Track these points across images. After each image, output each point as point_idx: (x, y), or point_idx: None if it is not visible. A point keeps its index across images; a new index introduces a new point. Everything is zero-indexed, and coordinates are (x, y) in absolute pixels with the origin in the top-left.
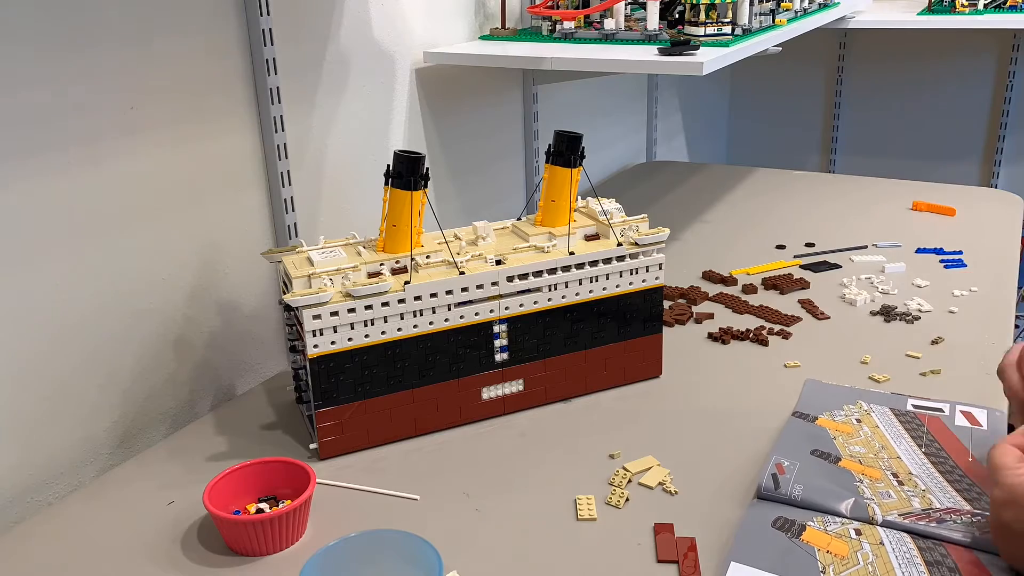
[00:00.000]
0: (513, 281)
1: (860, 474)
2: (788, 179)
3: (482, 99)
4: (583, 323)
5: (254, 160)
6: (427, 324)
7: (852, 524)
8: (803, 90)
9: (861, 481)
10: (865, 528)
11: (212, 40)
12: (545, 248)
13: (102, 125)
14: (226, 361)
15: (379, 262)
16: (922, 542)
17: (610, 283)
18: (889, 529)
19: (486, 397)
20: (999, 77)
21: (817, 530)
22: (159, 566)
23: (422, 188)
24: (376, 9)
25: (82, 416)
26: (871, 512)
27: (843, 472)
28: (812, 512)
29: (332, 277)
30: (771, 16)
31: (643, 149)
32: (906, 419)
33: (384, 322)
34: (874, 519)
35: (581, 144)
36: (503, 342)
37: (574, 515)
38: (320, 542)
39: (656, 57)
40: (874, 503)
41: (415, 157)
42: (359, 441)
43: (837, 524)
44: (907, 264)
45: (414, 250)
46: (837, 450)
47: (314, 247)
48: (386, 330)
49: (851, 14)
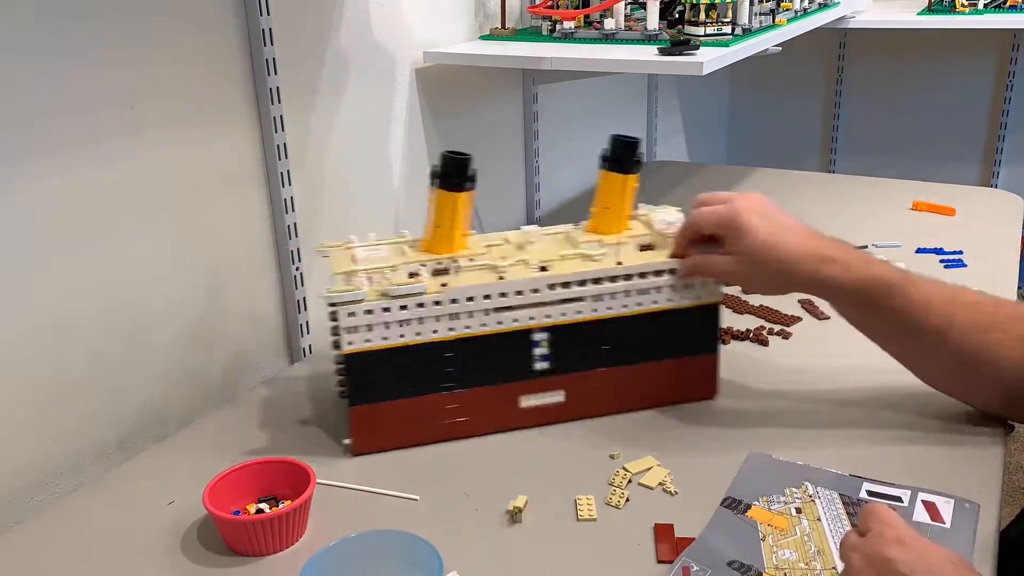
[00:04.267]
0: (555, 289)
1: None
2: (788, 179)
3: (482, 99)
4: (631, 337)
5: (254, 160)
6: (463, 328)
7: (794, 503)
8: (803, 90)
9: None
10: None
11: (212, 40)
12: (594, 256)
13: (102, 125)
14: (226, 361)
15: (420, 262)
16: (852, 509)
17: (661, 296)
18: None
19: (525, 405)
20: (999, 77)
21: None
22: (159, 566)
23: (469, 190)
24: (376, 9)
25: (82, 416)
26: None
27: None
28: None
29: (371, 275)
30: (771, 16)
31: (643, 149)
32: (856, 510)
33: (420, 323)
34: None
35: (639, 149)
36: (544, 351)
37: (574, 515)
38: (320, 542)
39: (656, 57)
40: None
41: (463, 159)
42: (393, 440)
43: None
44: (907, 264)
45: (459, 252)
46: (761, 559)
47: (362, 243)
48: (421, 331)
49: (851, 14)
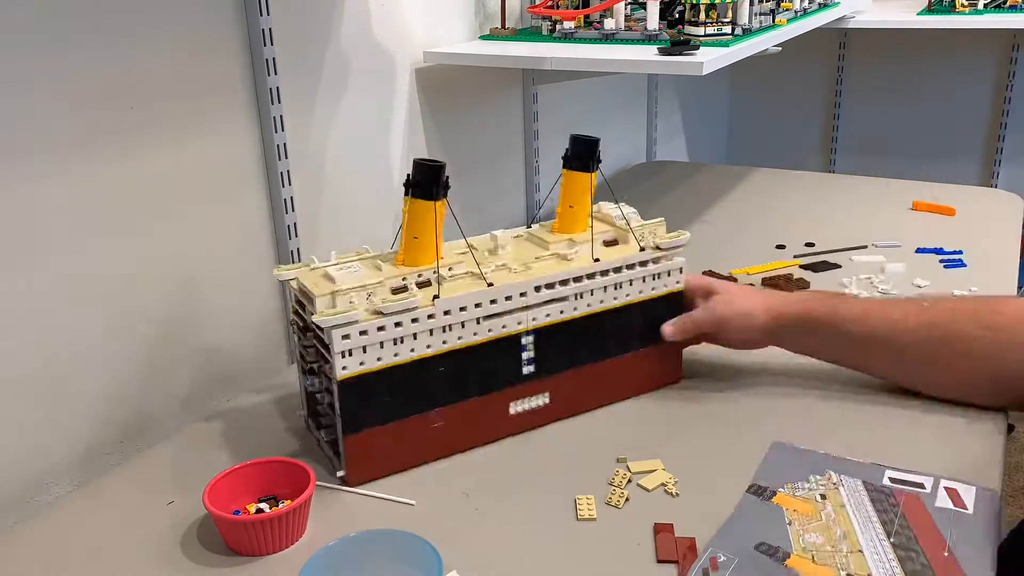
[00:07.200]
0: (541, 291)
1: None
2: (788, 179)
3: (482, 99)
4: (608, 331)
5: (254, 160)
6: (456, 339)
7: (818, 490)
8: (803, 90)
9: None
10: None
11: (212, 40)
12: (568, 256)
13: (102, 125)
14: (227, 361)
15: (401, 276)
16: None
17: (633, 289)
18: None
19: (513, 412)
20: (999, 77)
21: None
22: (159, 566)
23: (444, 197)
24: (376, 9)
25: (82, 416)
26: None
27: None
28: None
29: (356, 294)
30: (771, 16)
31: (643, 149)
32: (879, 496)
33: (414, 339)
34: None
35: (598, 148)
36: (530, 354)
37: (574, 515)
38: (320, 542)
39: (656, 57)
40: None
41: (437, 165)
42: (388, 465)
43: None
44: (907, 264)
45: (437, 262)
46: (788, 542)
47: (328, 263)
48: (415, 347)
49: (851, 14)
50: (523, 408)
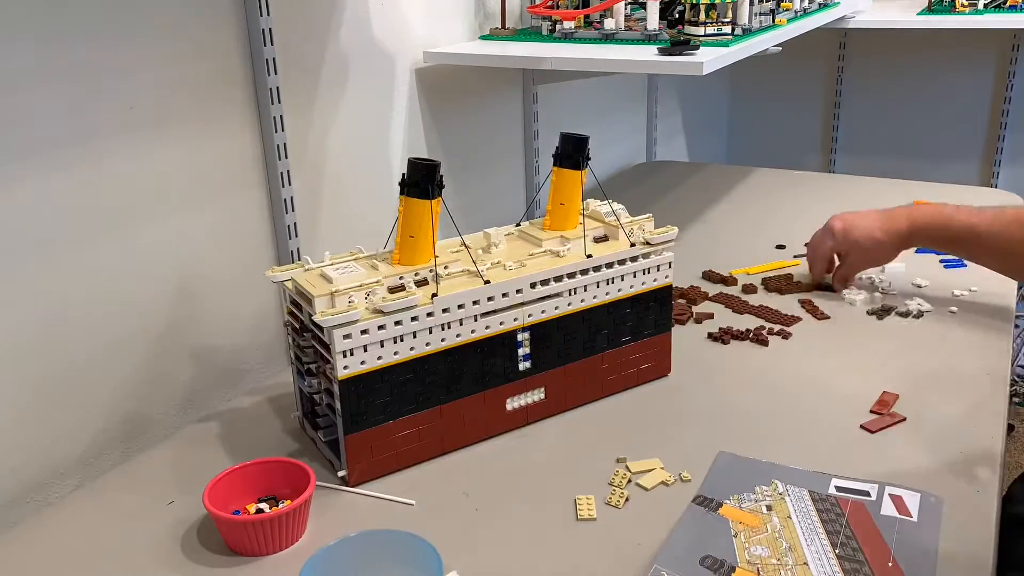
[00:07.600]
0: (536, 287)
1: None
2: (788, 179)
3: (482, 99)
4: (600, 326)
5: (254, 160)
6: (454, 337)
7: (764, 501)
8: (803, 90)
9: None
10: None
11: (212, 40)
12: (561, 252)
13: (102, 125)
14: (227, 361)
15: (398, 275)
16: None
17: (624, 284)
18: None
19: (510, 408)
20: (999, 77)
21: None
22: (159, 566)
23: (439, 196)
24: (376, 9)
25: (82, 417)
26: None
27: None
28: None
29: (355, 294)
30: (771, 16)
31: (643, 149)
32: (825, 506)
33: (413, 337)
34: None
35: (587, 146)
36: (526, 350)
37: (574, 515)
38: (320, 542)
39: (656, 57)
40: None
41: (431, 164)
42: (389, 464)
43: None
44: (907, 264)
45: (433, 261)
46: (734, 555)
47: (324, 263)
48: (415, 346)
49: (851, 14)
50: (520, 404)
